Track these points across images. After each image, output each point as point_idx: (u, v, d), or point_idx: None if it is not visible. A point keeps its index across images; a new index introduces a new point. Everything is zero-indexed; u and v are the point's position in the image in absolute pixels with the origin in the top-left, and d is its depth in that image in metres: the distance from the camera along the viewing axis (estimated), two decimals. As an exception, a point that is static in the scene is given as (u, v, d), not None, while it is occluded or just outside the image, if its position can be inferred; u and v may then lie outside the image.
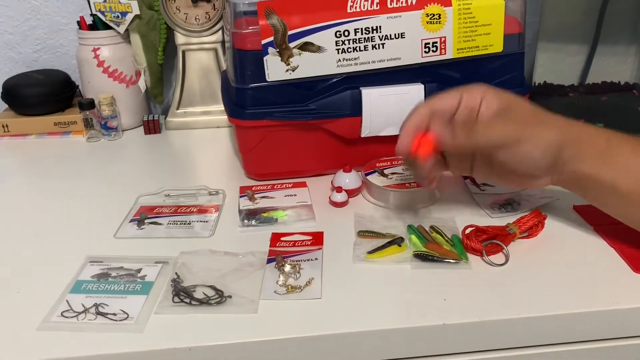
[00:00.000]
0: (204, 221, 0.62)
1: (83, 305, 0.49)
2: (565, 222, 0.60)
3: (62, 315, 0.48)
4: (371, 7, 0.63)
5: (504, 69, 0.69)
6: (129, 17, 0.85)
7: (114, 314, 0.48)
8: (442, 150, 0.53)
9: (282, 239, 0.58)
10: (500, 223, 0.58)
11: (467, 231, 0.56)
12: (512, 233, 0.56)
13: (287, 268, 0.53)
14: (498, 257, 0.54)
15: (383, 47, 0.64)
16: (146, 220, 0.62)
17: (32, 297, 0.51)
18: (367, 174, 0.67)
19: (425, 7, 0.64)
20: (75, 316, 0.48)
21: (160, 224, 0.62)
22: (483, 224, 0.58)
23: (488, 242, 0.55)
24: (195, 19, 0.88)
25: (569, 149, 0.51)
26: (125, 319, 0.47)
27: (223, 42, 0.90)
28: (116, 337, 0.45)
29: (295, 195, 0.67)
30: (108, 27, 0.86)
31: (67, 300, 0.49)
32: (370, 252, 0.55)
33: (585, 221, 0.60)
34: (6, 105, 0.92)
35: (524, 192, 0.65)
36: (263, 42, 0.63)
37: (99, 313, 0.48)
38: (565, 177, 0.52)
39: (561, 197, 0.64)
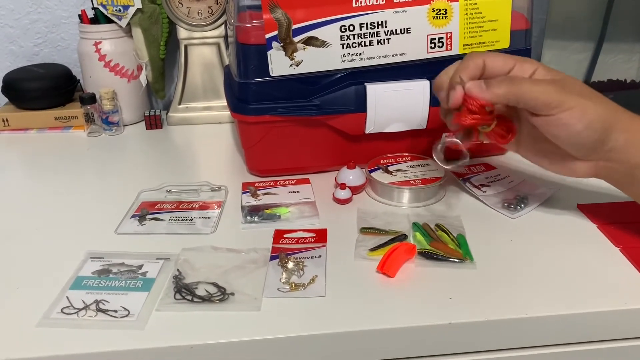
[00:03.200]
0: (206, 217, 0.62)
1: (83, 302, 0.48)
2: (570, 220, 0.59)
3: (62, 311, 0.47)
4: (377, 1, 0.62)
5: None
6: (131, 10, 0.84)
7: (115, 311, 0.47)
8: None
9: (285, 235, 0.57)
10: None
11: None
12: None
13: (291, 265, 0.52)
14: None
15: (388, 42, 0.64)
16: (147, 216, 0.62)
17: (32, 293, 0.50)
18: (371, 171, 0.66)
19: (432, 2, 0.63)
20: (75, 313, 0.47)
21: (161, 219, 0.61)
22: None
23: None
24: (198, 13, 0.88)
25: (618, 133, 0.49)
26: (126, 315, 0.46)
27: (226, 37, 0.89)
28: (117, 334, 0.45)
29: (298, 191, 0.66)
30: (110, 21, 0.86)
31: (67, 297, 0.49)
32: (372, 250, 0.54)
33: (590, 220, 0.59)
34: (6, 99, 0.92)
35: (526, 189, 0.64)
36: (267, 36, 0.62)
37: (99, 310, 0.47)
38: (615, 166, 0.51)
39: (565, 196, 0.63)
